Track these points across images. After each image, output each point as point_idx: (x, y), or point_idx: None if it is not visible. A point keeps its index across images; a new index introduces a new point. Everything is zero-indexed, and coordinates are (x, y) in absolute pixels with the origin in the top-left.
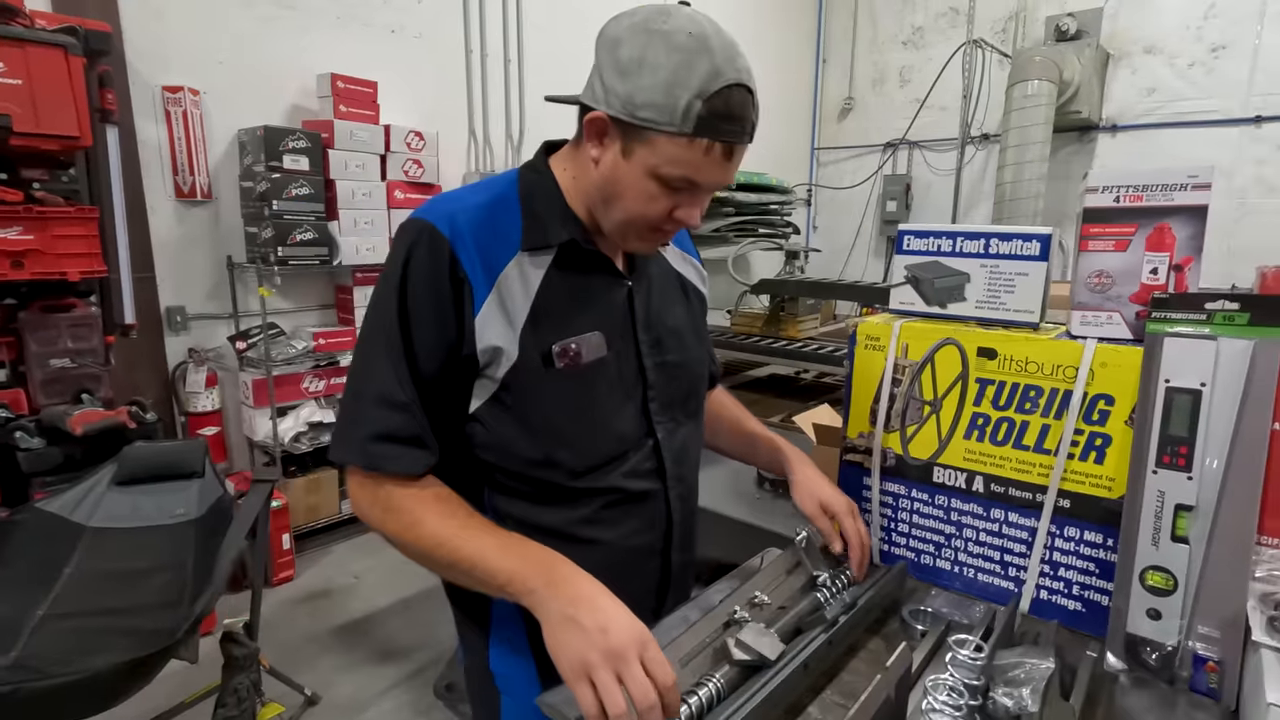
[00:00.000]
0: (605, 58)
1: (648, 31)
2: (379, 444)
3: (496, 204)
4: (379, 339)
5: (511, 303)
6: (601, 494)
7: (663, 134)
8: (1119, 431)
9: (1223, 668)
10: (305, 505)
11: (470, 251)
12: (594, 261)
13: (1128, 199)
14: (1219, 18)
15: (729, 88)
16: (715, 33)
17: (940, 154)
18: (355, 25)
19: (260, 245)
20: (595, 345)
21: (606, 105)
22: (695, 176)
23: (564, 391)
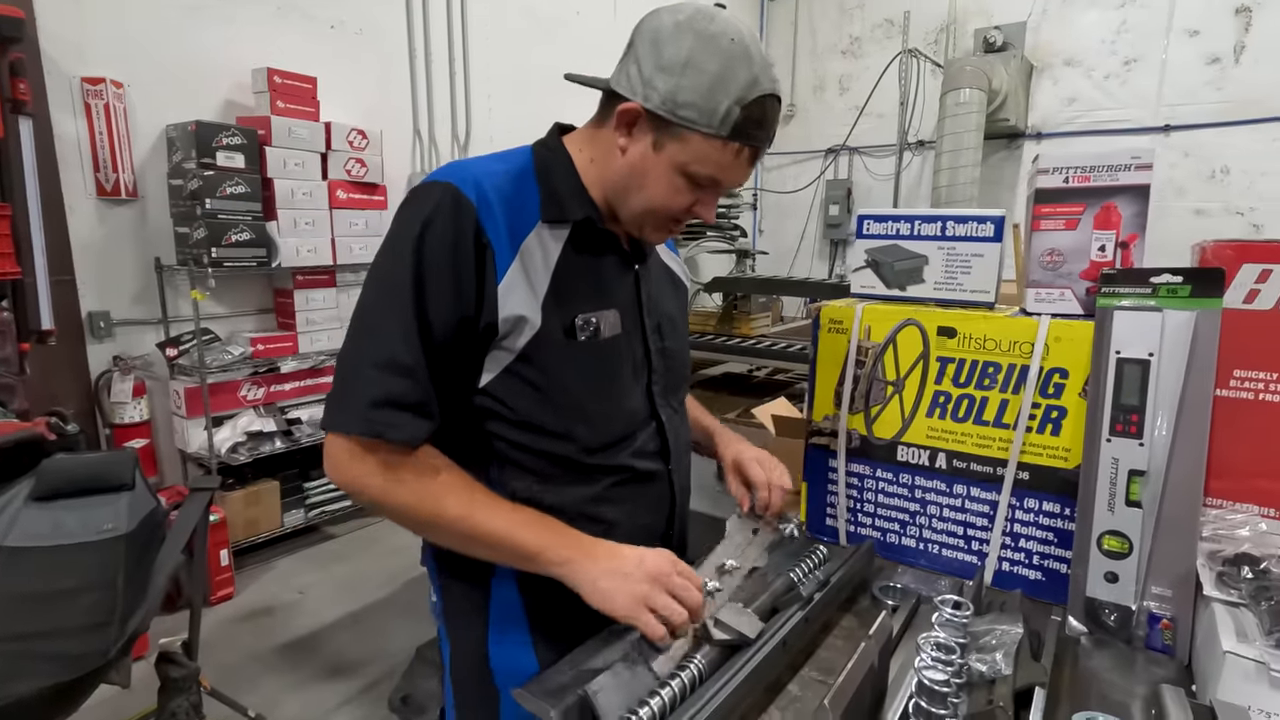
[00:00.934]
0: (646, 51)
1: (695, 33)
2: (381, 410)
3: (518, 174)
4: (387, 301)
5: (534, 273)
6: (612, 472)
7: (699, 133)
8: (1073, 404)
9: (1176, 624)
10: (245, 519)
11: (496, 218)
12: (607, 242)
13: (1076, 179)
14: (1130, 33)
15: (764, 97)
16: (754, 41)
17: (879, 159)
18: (294, 18)
19: (192, 246)
20: (613, 322)
21: (644, 99)
22: (721, 176)
23: (585, 364)
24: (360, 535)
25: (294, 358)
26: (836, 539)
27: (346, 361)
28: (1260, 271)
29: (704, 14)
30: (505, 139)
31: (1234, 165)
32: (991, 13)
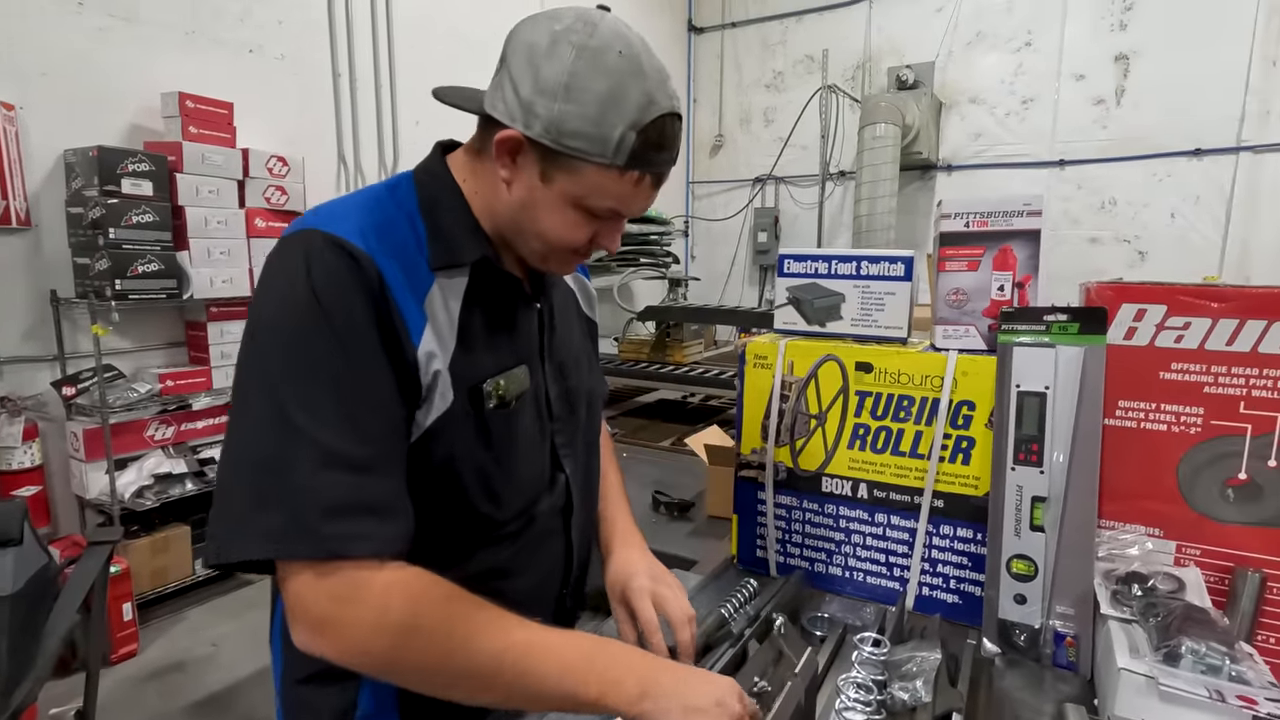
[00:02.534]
0: (522, 70)
1: (575, 48)
2: (336, 521)
3: (400, 219)
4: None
5: (443, 334)
6: (516, 538)
7: (592, 164)
8: (981, 434)
9: (1079, 642)
10: (151, 569)
11: (395, 271)
12: (507, 284)
13: (975, 224)
14: (1026, 75)
15: (663, 118)
16: (645, 50)
17: (804, 189)
18: (206, 42)
19: (93, 278)
20: (520, 380)
21: (525, 126)
22: (622, 207)
23: (491, 437)
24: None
25: (207, 394)
26: (767, 570)
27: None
28: (1136, 311)
29: (585, 22)
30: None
31: (1120, 197)
32: (903, 52)
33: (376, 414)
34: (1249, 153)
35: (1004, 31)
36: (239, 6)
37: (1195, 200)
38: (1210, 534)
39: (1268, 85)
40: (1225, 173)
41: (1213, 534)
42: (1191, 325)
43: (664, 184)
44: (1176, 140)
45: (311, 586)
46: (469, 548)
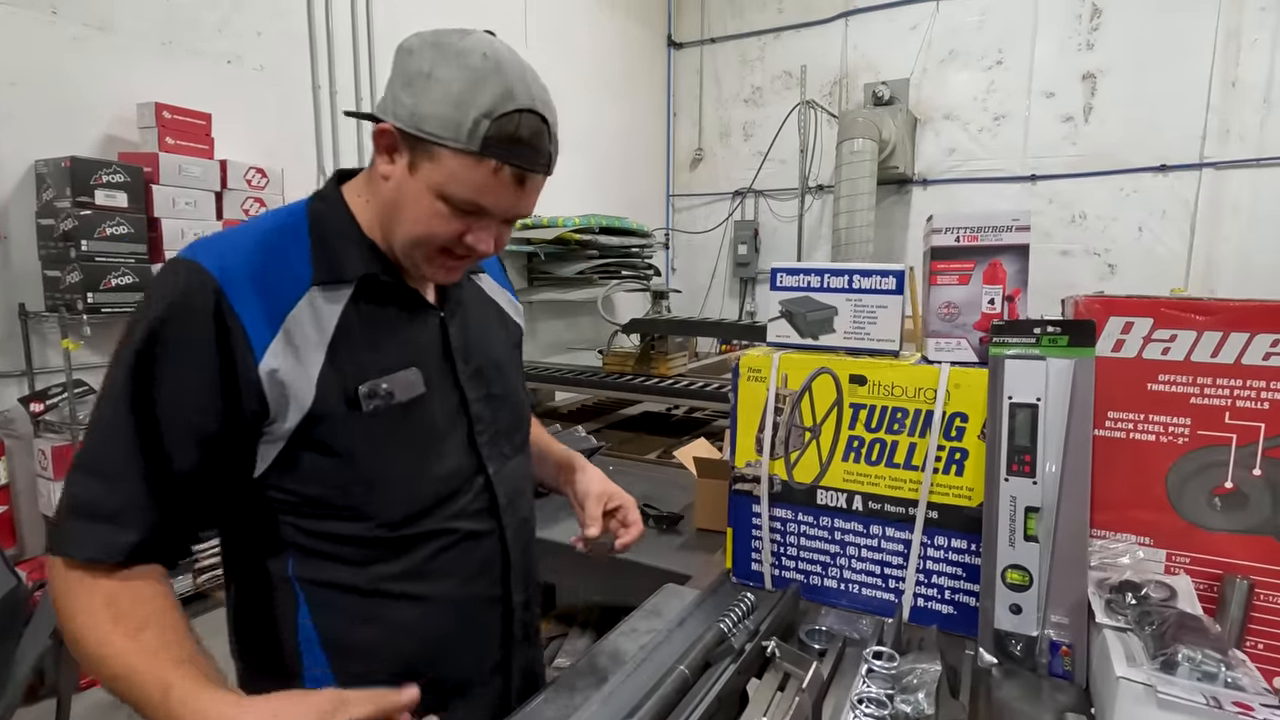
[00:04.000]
0: (396, 69)
1: (440, 46)
2: (69, 521)
3: (280, 237)
4: (106, 395)
5: (304, 346)
6: (428, 540)
7: (447, 149)
8: (974, 445)
9: (1074, 651)
10: None
11: (245, 292)
12: (399, 295)
13: (966, 239)
14: (998, 92)
15: (520, 112)
16: (511, 59)
17: (783, 202)
18: (183, 53)
19: (64, 291)
20: (410, 382)
21: (394, 117)
22: (482, 200)
23: (379, 435)
24: None
25: None
26: (762, 584)
27: None
28: (1124, 324)
29: (458, 32)
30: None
31: (1090, 211)
32: (879, 69)
33: (152, 431)
34: (1211, 169)
35: (976, 50)
36: (216, 17)
37: (1161, 215)
38: (1199, 542)
39: (1227, 105)
40: (1189, 188)
41: (1201, 542)
42: (1177, 338)
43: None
44: (1142, 156)
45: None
46: (375, 548)
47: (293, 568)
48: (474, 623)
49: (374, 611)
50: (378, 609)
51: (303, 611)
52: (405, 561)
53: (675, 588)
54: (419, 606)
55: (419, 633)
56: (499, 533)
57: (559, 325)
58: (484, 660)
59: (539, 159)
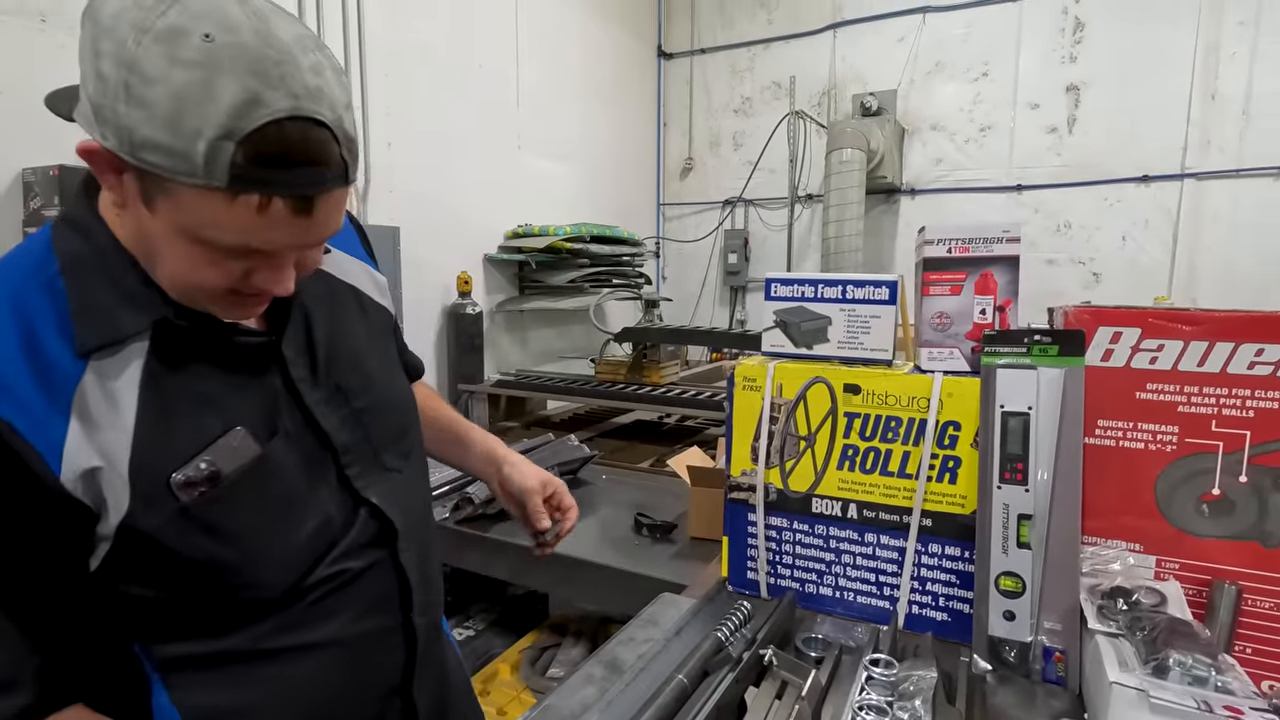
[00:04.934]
0: (86, 57)
1: (134, 28)
2: None
3: (30, 293)
4: None
5: (106, 432)
6: (310, 591)
7: (183, 185)
8: (967, 454)
9: (1067, 657)
10: None
11: (13, 390)
12: (207, 335)
13: (958, 250)
14: (983, 104)
15: (279, 122)
16: (257, 35)
17: (773, 211)
18: None
19: None
20: (236, 448)
21: (101, 135)
22: (252, 243)
23: (214, 522)
24: None
25: None
26: (758, 592)
27: None
28: (1113, 333)
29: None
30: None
31: (1074, 221)
32: (867, 81)
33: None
34: (1192, 180)
35: (962, 62)
36: None
37: (1144, 224)
38: (1188, 548)
39: (1207, 117)
40: (1171, 198)
41: (1190, 548)
42: (1165, 347)
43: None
44: (1125, 167)
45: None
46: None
47: (139, 649)
48: (370, 659)
49: (246, 676)
50: (251, 672)
51: (158, 693)
52: (285, 617)
53: (671, 597)
54: (303, 658)
55: (306, 684)
56: (392, 559)
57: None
58: (384, 694)
59: (325, 174)
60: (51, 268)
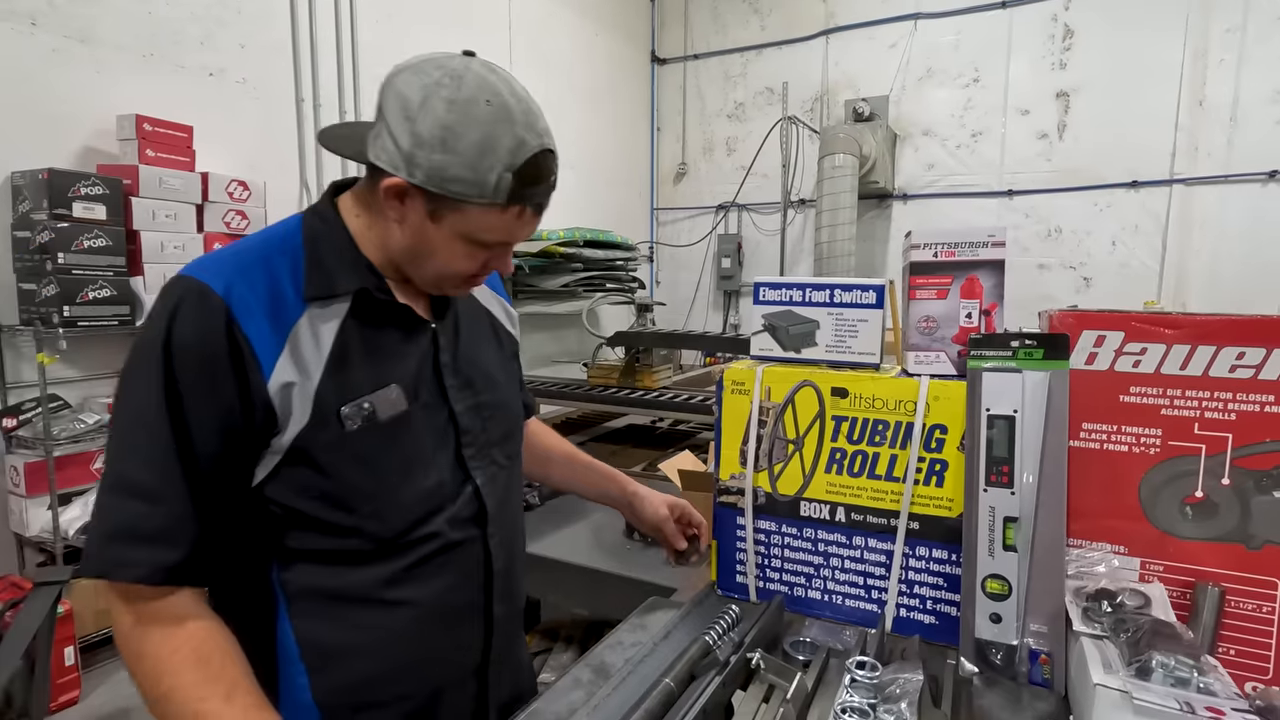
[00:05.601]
0: (398, 122)
1: (446, 101)
2: (114, 545)
3: (277, 254)
4: (130, 418)
5: (307, 360)
6: (413, 548)
7: (474, 204)
8: (954, 457)
9: (1053, 659)
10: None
11: (252, 309)
12: (390, 312)
13: (944, 254)
14: (974, 110)
15: (535, 156)
16: (511, 94)
17: (766, 216)
18: (167, 66)
19: (40, 304)
20: (393, 400)
21: (409, 175)
22: (509, 237)
23: (363, 453)
24: None
25: None
26: (747, 595)
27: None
28: (1097, 337)
29: (452, 75)
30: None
31: (1065, 226)
32: (859, 86)
33: (181, 448)
34: (1181, 185)
35: (953, 68)
36: (200, 30)
37: (1134, 229)
38: (1171, 550)
39: (1195, 123)
40: (1160, 204)
41: (1174, 550)
42: (1148, 351)
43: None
44: (1115, 172)
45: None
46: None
47: (276, 575)
48: (454, 630)
49: (354, 617)
50: (359, 614)
51: (283, 620)
52: (390, 568)
53: (660, 601)
54: (401, 612)
55: (400, 638)
56: (483, 541)
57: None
58: (462, 669)
59: (551, 188)
60: (296, 239)
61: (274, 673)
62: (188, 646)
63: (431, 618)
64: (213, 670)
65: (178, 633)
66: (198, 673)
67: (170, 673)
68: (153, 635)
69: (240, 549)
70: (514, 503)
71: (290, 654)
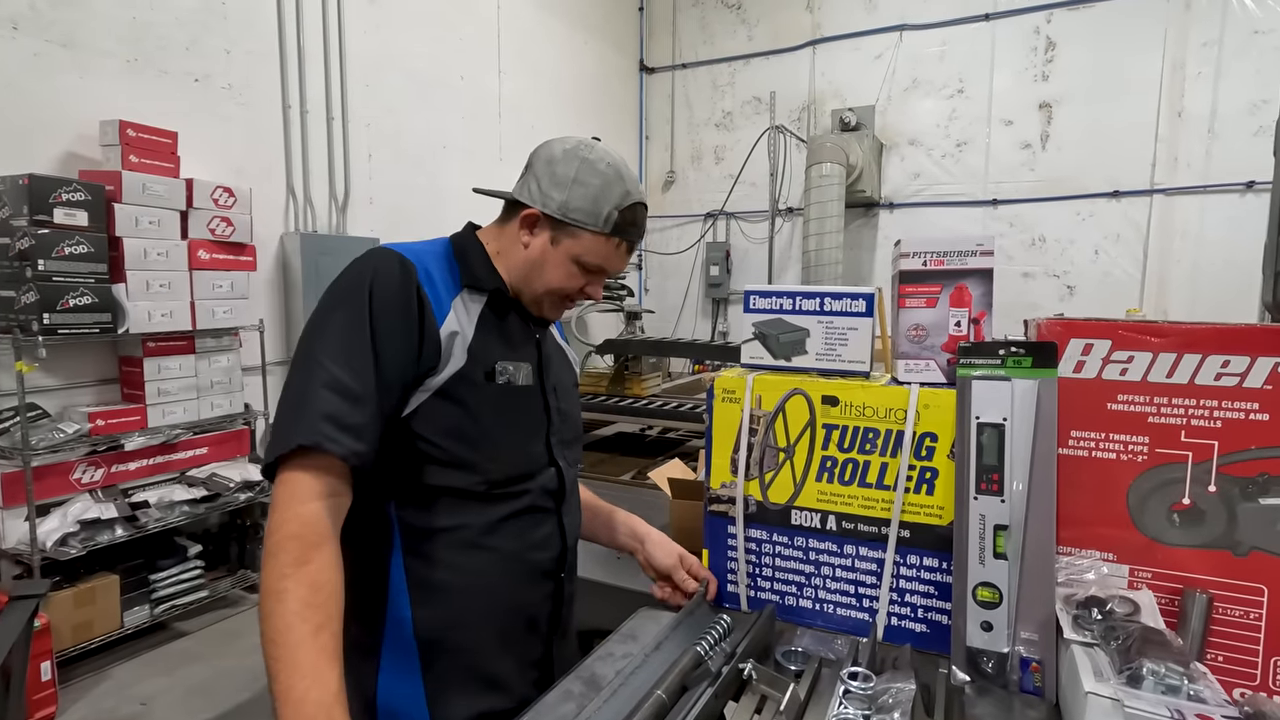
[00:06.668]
0: (543, 171)
1: (579, 158)
2: (326, 424)
3: (442, 253)
4: (339, 338)
5: (462, 324)
6: (509, 501)
7: (588, 232)
8: (944, 465)
9: (1044, 667)
10: (74, 622)
11: (431, 279)
12: (516, 311)
13: (933, 263)
14: (959, 120)
15: (636, 204)
16: (624, 165)
17: (754, 224)
18: (151, 72)
19: (19, 312)
20: (526, 373)
21: (543, 205)
22: (606, 264)
23: (500, 405)
24: (218, 629)
25: (141, 433)
26: (738, 605)
27: (293, 390)
28: (1084, 345)
29: (586, 145)
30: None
31: (1049, 234)
32: (845, 97)
33: (381, 367)
34: (1161, 195)
35: (938, 79)
36: (185, 35)
37: (1116, 238)
38: (1160, 557)
39: (1174, 134)
40: (1141, 213)
41: (1162, 557)
42: (1134, 359)
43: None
44: (1097, 182)
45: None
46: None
47: (394, 509)
48: (531, 587)
49: (457, 559)
50: (461, 557)
51: (396, 552)
52: (490, 515)
53: (651, 610)
54: (494, 559)
55: (490, 582)
56: (558, 517)
57: None
58: (535, 625)
59: (641, 233)
60: (449, 249)
61: (383, 599)
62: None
63: (518, 568)
64: (320, 598)
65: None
66: (308, 594)
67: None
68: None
69: (372, 482)
70: (576, 500)
71: (399, 585)
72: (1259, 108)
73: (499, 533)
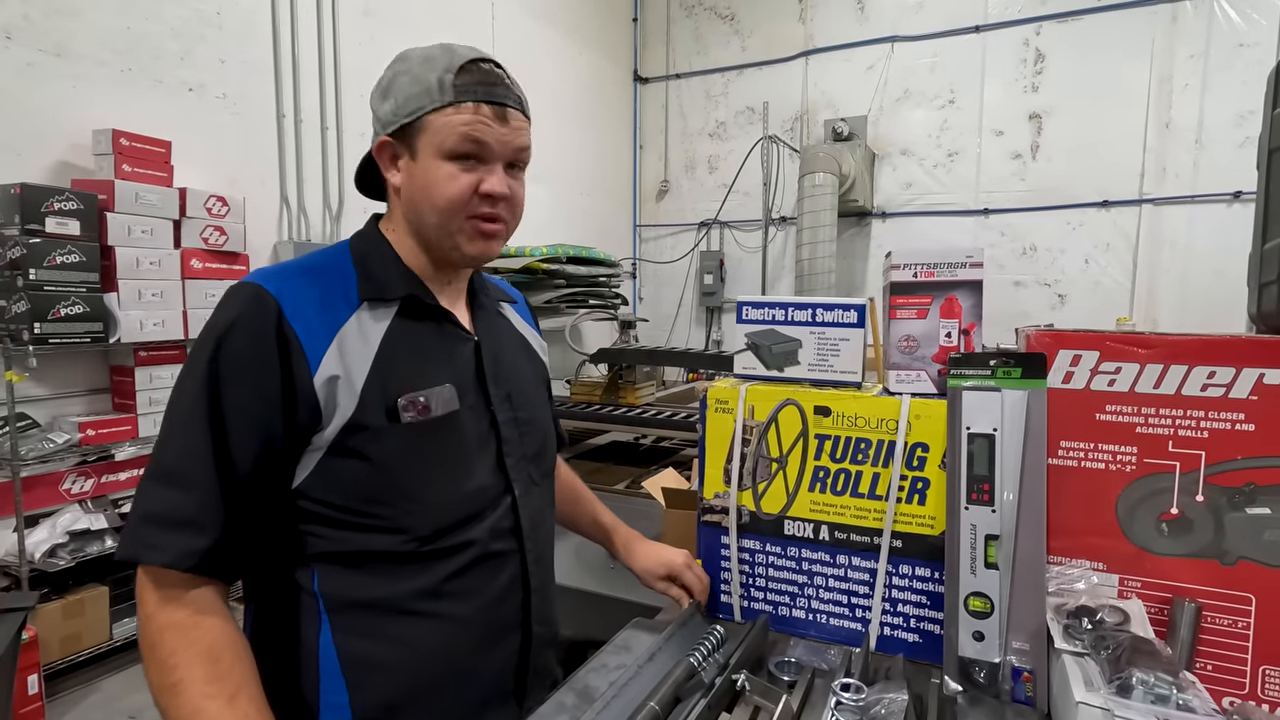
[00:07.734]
0: (374, 104)
1: (394, 59)
2: (146, 528)
3: (330, 267)
4: (176, 410)
5: (354, 358)
6: (454, 554)
7: (429, 113)
8: (935, 475)
9: (1035, 676)
10: (62, 635)
11: (302, 310)
12: (438, 317)
13: (923, 275)
14: (950, 130)
15: (473, 62)
16: (449, 44)
17: (747, 233)
18: (145, 81)
19: (9, 321)
20: (447, 398)
21: (384, 128)
22: (476, 135)
23: (413, 447)
24: None
25: (132, 443)
26: (731, 615)
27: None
28: (1073, 356)
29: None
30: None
31: (1040, 244)
32: (838, 107)
33: (221, 441)
34: (1150, 205)
35: (929, 90)
36: (179, 45)
37: (1106, 247)
38: (1149, 567)
39: (1162, 144)
40: (1130, 223)
41: (1151, 567)
42: (1122, 370)
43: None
44: (1086, 192)
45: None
46: (402, 564)
47: (318, 583)
48: (491, 647)
49: (396, 631)
50: (400, 628)
51: (325, 630)
52: (430, 577)
53: (644, 621)
54: (442, 626)
55: (439, 653)
56: (521, 555)
57: None
58: (501, 689)
59: (509, 94)
60: (346, 258)
61: (315, 685)
62: (203, 642)
63: (471, 635)
64: (222, 669)
65: (196, 626)
66: (207, 669)
67: (183, 665)
68: (172, 625)
69: (282, 558)
70: (547, 525)
71: (332, 667)
72: (1245, 119)
73: (444, 596)
